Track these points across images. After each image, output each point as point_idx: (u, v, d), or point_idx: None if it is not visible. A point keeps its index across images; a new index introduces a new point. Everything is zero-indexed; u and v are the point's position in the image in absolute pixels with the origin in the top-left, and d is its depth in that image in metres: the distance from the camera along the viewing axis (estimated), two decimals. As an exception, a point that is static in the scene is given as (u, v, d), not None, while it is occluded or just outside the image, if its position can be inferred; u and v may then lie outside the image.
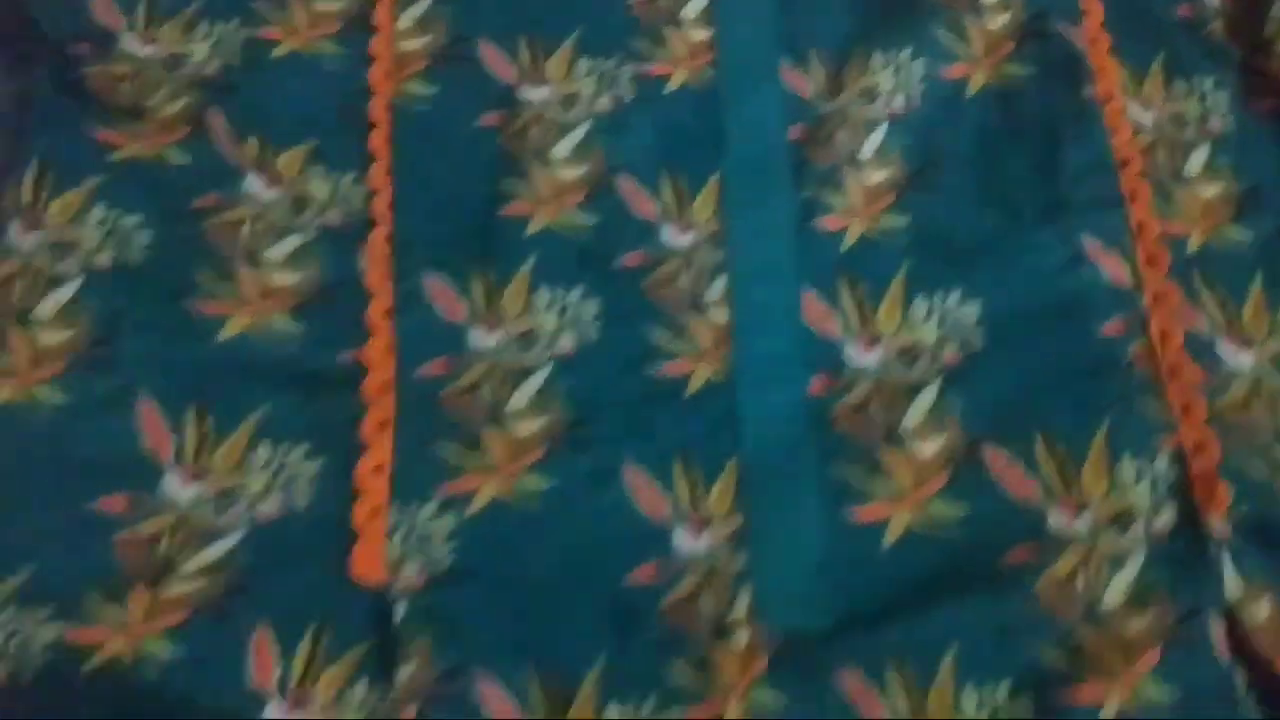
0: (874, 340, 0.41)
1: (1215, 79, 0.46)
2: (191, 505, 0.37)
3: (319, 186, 0.43)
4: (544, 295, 0.41)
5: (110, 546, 0.36)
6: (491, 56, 0.46)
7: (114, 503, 0.36)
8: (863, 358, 0.40)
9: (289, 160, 0.43)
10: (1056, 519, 0.37)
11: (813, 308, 0.41)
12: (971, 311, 0.41)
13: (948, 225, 0.43)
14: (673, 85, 0.46)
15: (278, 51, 0.46)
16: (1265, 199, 0.44)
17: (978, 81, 0.46)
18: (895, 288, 0.42)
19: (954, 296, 0.41)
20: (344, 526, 0.36)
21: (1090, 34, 0.46)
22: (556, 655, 0.35)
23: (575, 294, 0.41)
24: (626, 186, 0.43)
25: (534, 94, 0.45)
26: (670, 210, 0.43)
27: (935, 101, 0.45)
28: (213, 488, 0.37)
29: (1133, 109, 0.45)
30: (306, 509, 0.37)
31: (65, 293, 0.40)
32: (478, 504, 0.37)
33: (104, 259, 0.41)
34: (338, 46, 0.46)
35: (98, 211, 0.41)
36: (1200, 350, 0.40)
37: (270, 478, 0.37)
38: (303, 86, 0.45)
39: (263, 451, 0.38)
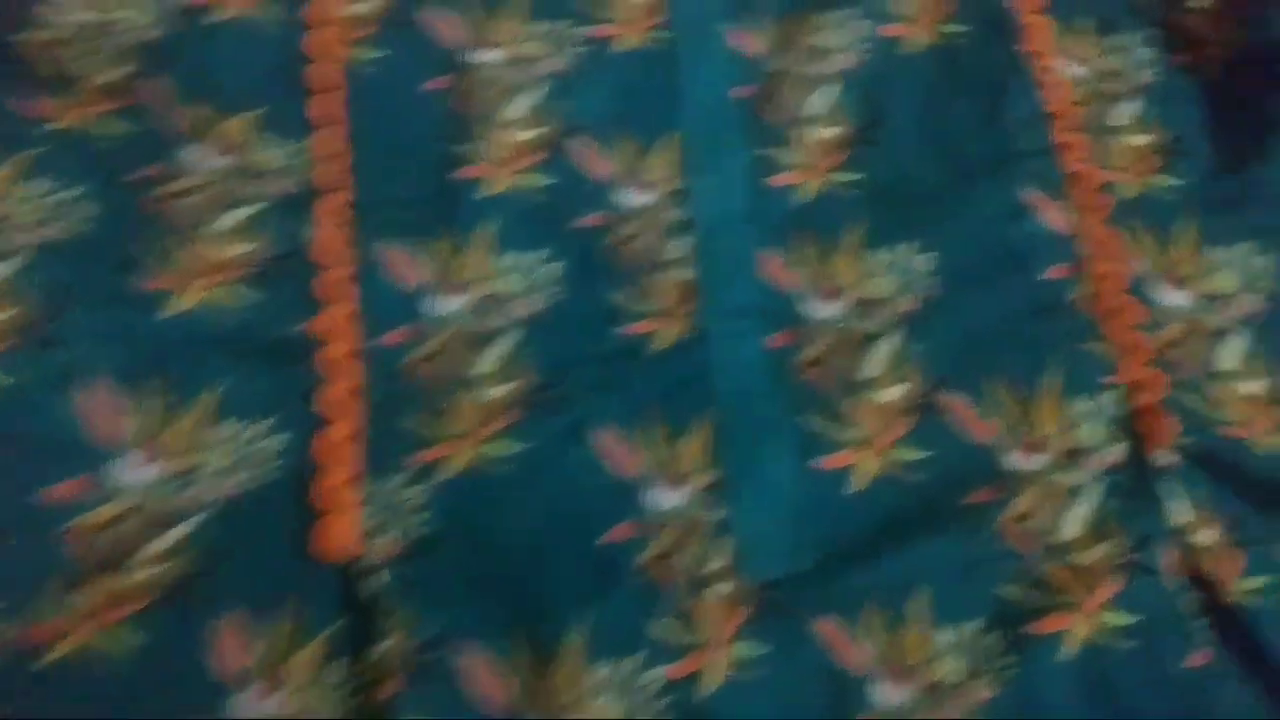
0: (833, 292, 0.42)
1: (1141, 35, 0.48)
2: (149, 487, 0.36)
3: (267, 154, 0.42)
4: (506, 258, 0.41)
5: (62, 536, 0.34)
6: (440, 20, 0.45)
7: (65, 490, 0.35)
8: (823, 310, 0.41)
9: (235, 128, 0.42)
10: (1014, 458, 0.39)
11: (771, 263, 0.42)
12: (925, 262, 0.42)
13: (897, 179, 0.44)
14: (623, 47, 0.46)
15: (218, 16, 0.44)
16: (1190, 147, 0.46)
17: (919, 41, 0.47)
18: (851, 240, 0.42)
19: (908, 248, 0.42)
20: (312, 500, 0.36)
21: (1022, -7, 0.48)
22: (539, 617, 0.35)
23: (537, 256, 0.41)
24: (581, 148, 0.43)
25: (484, 56, 0.45)
26: (627, 170, 0.43)
27: (879, 60, 0.46)
28: (171, 467, 0.36)
29: (1064, 65, 0.47)
30: (271, 484, 0.36)
31: (6, 269, 0.38)
32: (449, 471, 0.37)
33: (47, 233, 0.39)
34: (278, 11, 0.45)
35: (37, 185, 0.39)
36: (1138, 291, 0.42)
37: (232, 454, 0.36)
38: (246, 53, 0.43)
39: (223, 427, 0.37)
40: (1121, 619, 0.36)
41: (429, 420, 0.38)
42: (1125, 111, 0.46)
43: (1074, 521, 0.38)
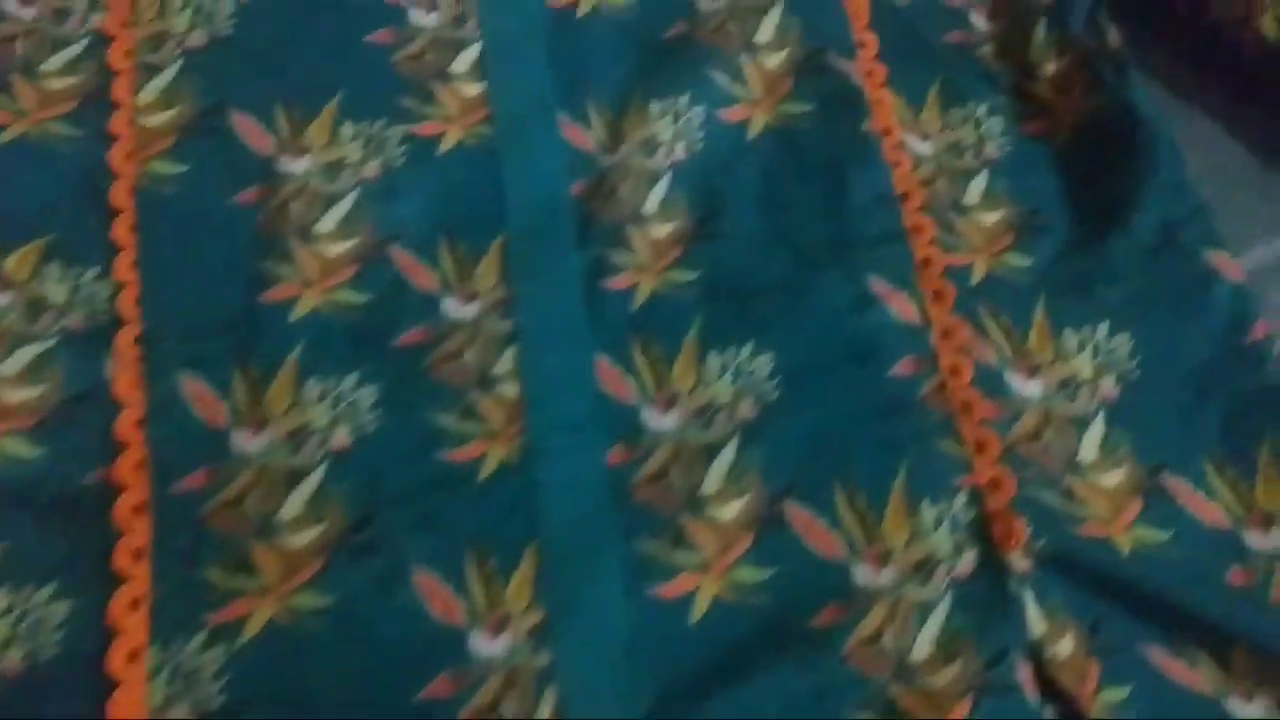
0: (671, 401, 0.39)
1: (989, 104, 0.47)
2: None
3: (56, 286, 0.39)
4: (314, 386, 0.38)
5: None
6: (246, 127, 0.43)
7: None
8: (660, 421, 0.39)
9: (20, 260, 0.39)
10: (861, 573, 0.37)
11: (606, 372, 0.40)
12: (765, 363, 0.40)
13: (737, 274, 0.42)
14: (446, 145, 0.43)
15: (2, 138, 0.41)
16: (1044, 222, 0.44)
17: (759, 123, 0.45)
18: (689, 345, 0.40)
19: (747, 349, 0.40)
20: (100, 674, 0.33)
21: (866, 66, 0.46)
22: (348, 788, 0.32)
23: (349, 381, 0.38)
24: (401, 258, 0.41)
25: (294, 165, 0.42)
26: (451, 279, 0.41)
27: (717, 147, 0.44)
28: (-60, 649, 0.33)
29: (911, 140, 0.45)
30: (55, 659, 0.33)
31: None
32: (250, 631, 0.34)
33: None
34: (73, 128, 0.42)
35: None
36: (990, 383, 0.41)
37: (11, 627, 0.33)
38: (34, 175, 0.41)
39: (0, 598, 0.34)
40: None
41: (228, 574, 0.35)
42: (975, 188, 0.45)
43: (925, 640, 0.36)
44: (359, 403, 0.38)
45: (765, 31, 0.46)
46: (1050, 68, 0.47)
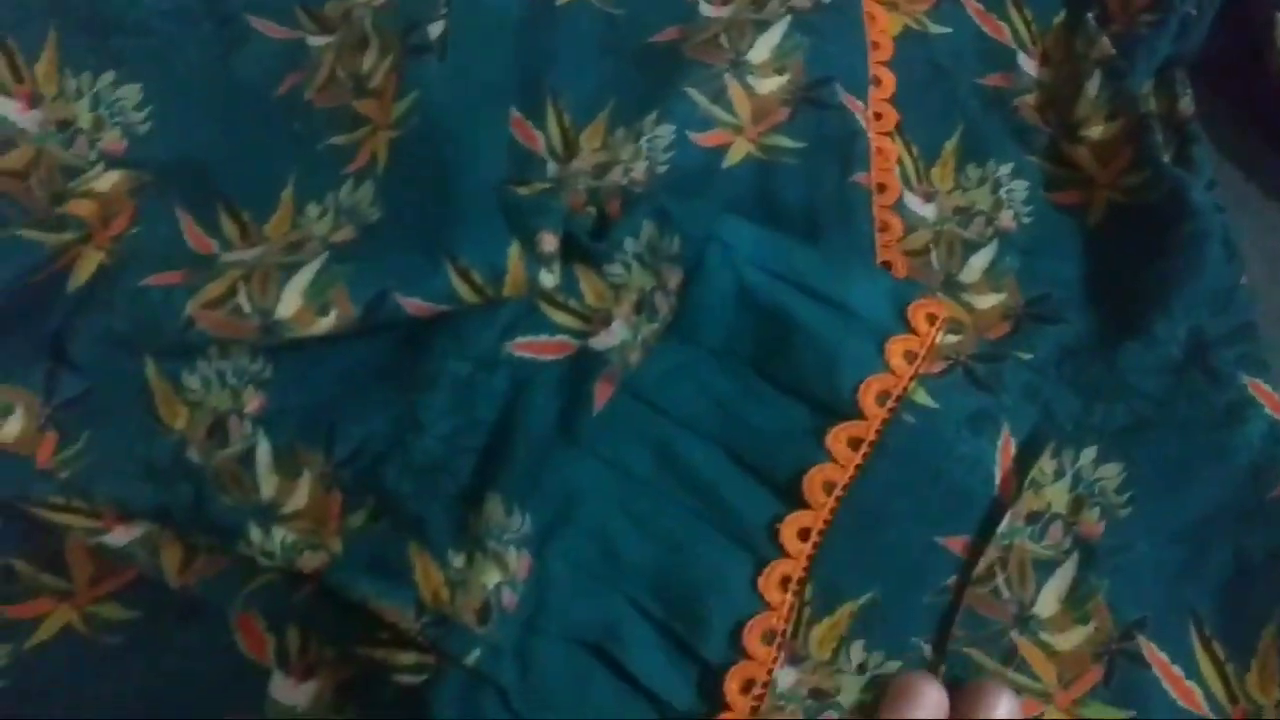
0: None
1: (1015, 164, 0.40)
2: None
3: None
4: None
5: None
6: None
7: None
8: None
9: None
10: None
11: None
12: None
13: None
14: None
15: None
16: (1052, 312, 0.37)
17: (738, 152, 0.39)
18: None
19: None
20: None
21: (875, 108, 0.40)
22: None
23: None
24: None
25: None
26: None
27: (685, 171, 0.38)
28: None
29: (911, 200, 0.39)
30: None
31: None
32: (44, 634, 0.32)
33: None
34: None
35: None
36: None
37: None
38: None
39: None
40: None
41: (38, 568, 0.33)
42: (977, 262, 0.38)
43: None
44: None
45: (761, 50, 0.40)
46: (1098, 130, 0.39)
